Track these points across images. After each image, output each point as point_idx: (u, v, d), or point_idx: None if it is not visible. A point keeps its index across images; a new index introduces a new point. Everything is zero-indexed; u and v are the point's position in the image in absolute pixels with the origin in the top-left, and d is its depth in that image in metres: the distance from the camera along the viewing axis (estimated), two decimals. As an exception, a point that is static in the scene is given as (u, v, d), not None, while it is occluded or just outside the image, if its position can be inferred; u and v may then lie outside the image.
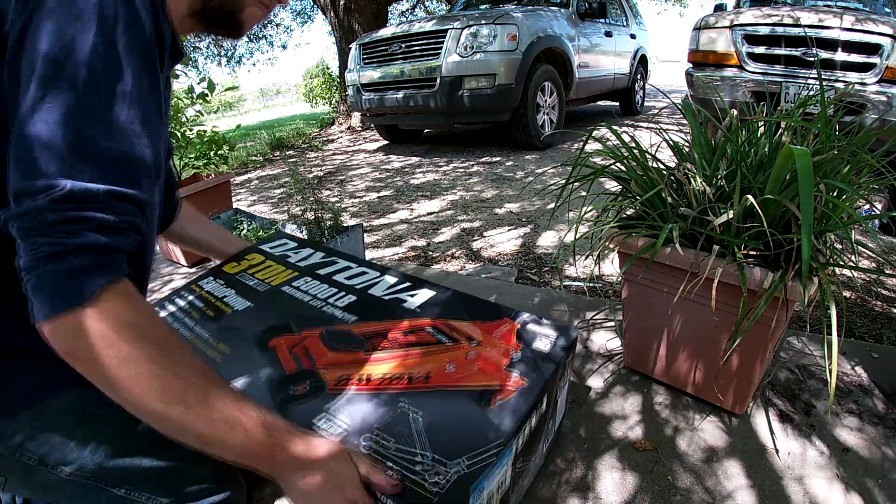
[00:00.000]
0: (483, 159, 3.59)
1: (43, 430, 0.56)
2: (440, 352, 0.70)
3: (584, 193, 1.05)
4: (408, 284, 0.85)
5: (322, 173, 3.77)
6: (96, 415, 0.62)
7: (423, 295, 0.82)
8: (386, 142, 4.84)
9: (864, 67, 2.42)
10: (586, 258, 1.69)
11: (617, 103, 5.46)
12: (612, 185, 1.04)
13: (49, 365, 0.58)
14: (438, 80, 3.40)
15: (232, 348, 0.72)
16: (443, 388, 0.64)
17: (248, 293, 0.84)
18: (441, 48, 3.40)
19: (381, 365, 0.67)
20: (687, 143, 1.04)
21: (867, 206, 1.45)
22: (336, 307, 0.79)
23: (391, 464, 0.54)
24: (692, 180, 0.87)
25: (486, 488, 0.56)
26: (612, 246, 0.96)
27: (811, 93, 2.27)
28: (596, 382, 1.08)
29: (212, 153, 2.16)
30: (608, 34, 4.55)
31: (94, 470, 0.58)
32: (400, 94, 3.62)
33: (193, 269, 2.02)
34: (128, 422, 0.68)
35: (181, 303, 0.82)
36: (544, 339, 0.74)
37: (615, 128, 1.00)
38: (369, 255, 1.96)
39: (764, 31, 2.66)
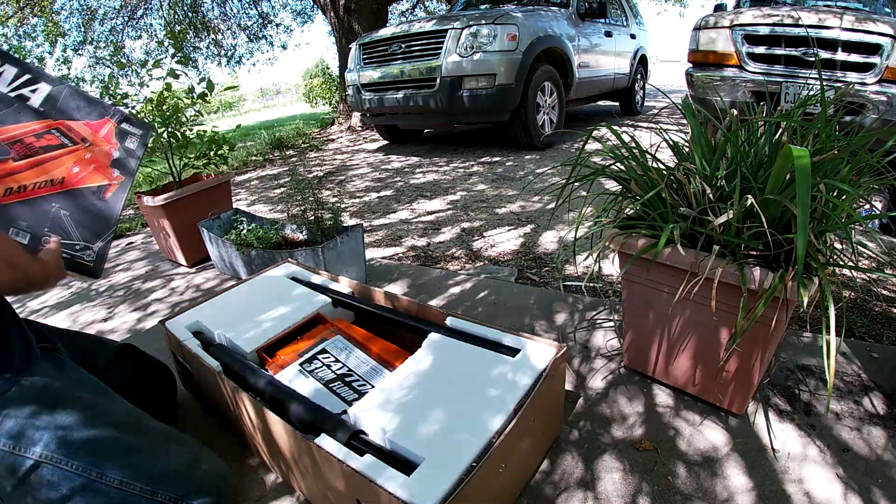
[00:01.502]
0: (483, 159, 3.59)
1: (9, 413, 0.59)
2: (66, 154, 0.86)
3: (584, 193, 1.05)
4: (27, 78, 0.88)
5: (322, 173, 3.77)
6: (60, 392, 0.65)
7: (43, 90, 0.89)
8: (386, 142, 4.84)
9: (864, 67, 2.42)
10: (586, 258, 1.69)
11: (617, 103, 5.46)
12: (613, 185, 1.04)
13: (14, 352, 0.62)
14: (438, 80, 3.40)
15: None
16: (73, 189, 0.84)
17: None
18: (441, 48, 3.40)
19: (28, 171, 0.82)
20: (687, 143, 1.04)
21: (867, 206, 1.45)
22: None
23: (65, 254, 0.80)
24: (692, 180, 0.87)
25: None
26: (612, 246, 0.96)
27: (811, 93, 2.27)
28: (596, 382, 1.08)
29: (212, 153, 2.15)
30: (608, 34, 4.55)
31: (63, 447, 0.60)
32: (400, 94, 3.62)
33: (194, 269, 2.02)
34: (96, 394, 0.70)
35: None
36: (133, 137, 0.91)
37: (615, 128, 1.00)
38: (369, 254, 1.96)
39: (764, 31, 2.66)
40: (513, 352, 0.88)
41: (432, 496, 0.61)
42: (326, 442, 0.71)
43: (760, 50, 2.69)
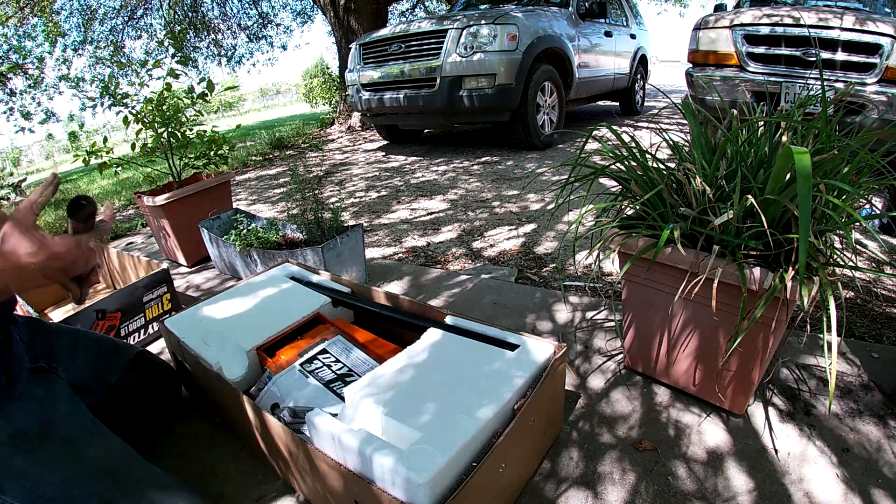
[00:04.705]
0: (483, 159, 3.58)
1: None
2: None
3: (584, 193, 1.05)
4: None
5: (322, 173, 3.77)
6: (36, 433, 0.62)
7: None
8: (386, 142, 4.84)
9: (864, 67, 2.42)
10: (587, 258, 1.69)
11: (617, 103, 5.46)
12: (613, 185, 1.04)
13: None
14: (438, 80, 3.40)
15: None
16: None
17: None
18: (441, 48, 3.40)
19: None
20: (687, 143, 1.04)
21: (867, 206, 1.45)
22: None
23: None
24: (692, 180, 0.87)
25: None
26: (612, 246, 0.96)
27: (811, 93, 2.27)
28: (596, 382, 1.08)
29: (212, 153, 2.15)
30: (608, 34, 4.55)
31: (30, 499, 0.58)
32: (400, 94, 3.62)
33: (194, 269, 2.02)
34: (81, 432, 0.67)
35: None
36: None
37: (615, 128, 1.00)
38: (369, 254, 1.96)
39: (764, 31, 2.66)
40: (513, 351, 0.88)
41: (432, 496, 0.61)
42: (325, 443, 0.70)
43: (760, 50, 2.69)
